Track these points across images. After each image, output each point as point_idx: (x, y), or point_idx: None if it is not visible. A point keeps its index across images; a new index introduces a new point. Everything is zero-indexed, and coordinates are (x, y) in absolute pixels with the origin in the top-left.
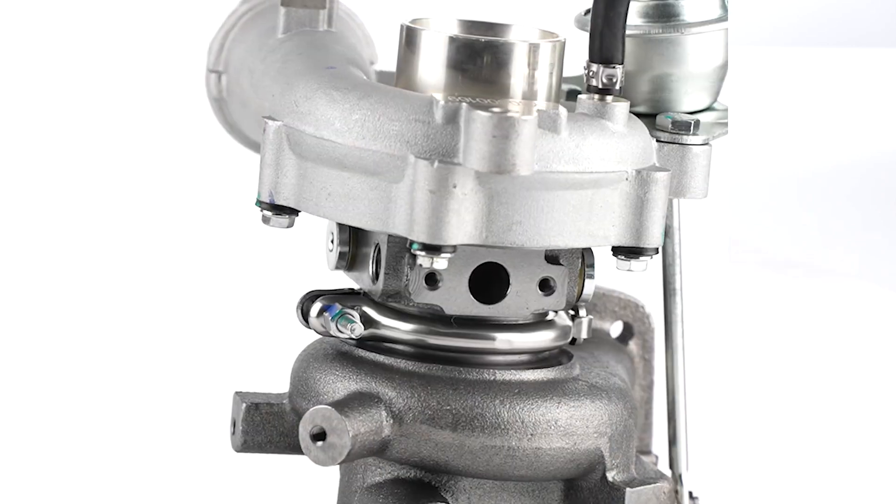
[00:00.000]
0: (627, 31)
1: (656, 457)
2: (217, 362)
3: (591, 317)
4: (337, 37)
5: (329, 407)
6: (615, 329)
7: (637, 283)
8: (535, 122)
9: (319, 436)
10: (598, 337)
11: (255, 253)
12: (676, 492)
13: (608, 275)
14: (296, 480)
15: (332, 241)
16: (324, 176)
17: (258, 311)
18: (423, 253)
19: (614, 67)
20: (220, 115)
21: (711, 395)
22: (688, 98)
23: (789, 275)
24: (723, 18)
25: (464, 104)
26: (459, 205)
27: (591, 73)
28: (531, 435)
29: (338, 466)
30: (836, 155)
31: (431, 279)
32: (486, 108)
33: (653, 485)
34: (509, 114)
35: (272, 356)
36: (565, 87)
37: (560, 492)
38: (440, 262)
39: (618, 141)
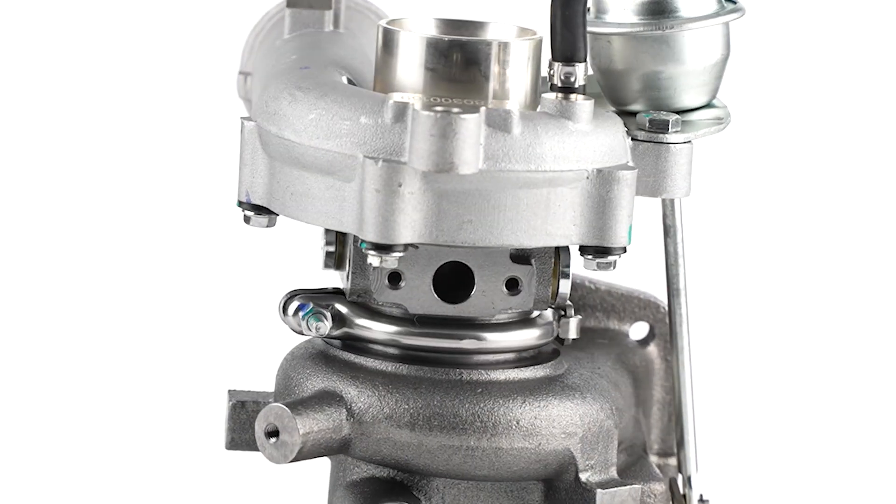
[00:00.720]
0: (615, 30)
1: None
2: (219, 361)
3: (579, 317)
4: (341, 38)
5: (281, 405)
6: (636, 330)
7: (639, 284)
8: (477, 121)
9: (273, 433)
10: (609, 337)
11: (257, 252)
12: (685, 496)
13: (621, 274)
14: (292, 479)
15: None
16: (287, 175)
17: (265, 310)
18: (373, 252)
19: (573, 66)
20: (251, 114)
21: (719, 396)
22: (682, 96)
23: (792, 274)
24: (717, 14)
25: (411, 103)
26: (406, 204)
27: (552, 72)
28: (491, 435)
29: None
30: (839, 152)
31: (394, 278)
32: (430, 107)
33: (629, 486)
34: (449, 112)
35: (277, 356)
36: None
37: (540, 493)
38: (390, 262)
39: (577, 140)
